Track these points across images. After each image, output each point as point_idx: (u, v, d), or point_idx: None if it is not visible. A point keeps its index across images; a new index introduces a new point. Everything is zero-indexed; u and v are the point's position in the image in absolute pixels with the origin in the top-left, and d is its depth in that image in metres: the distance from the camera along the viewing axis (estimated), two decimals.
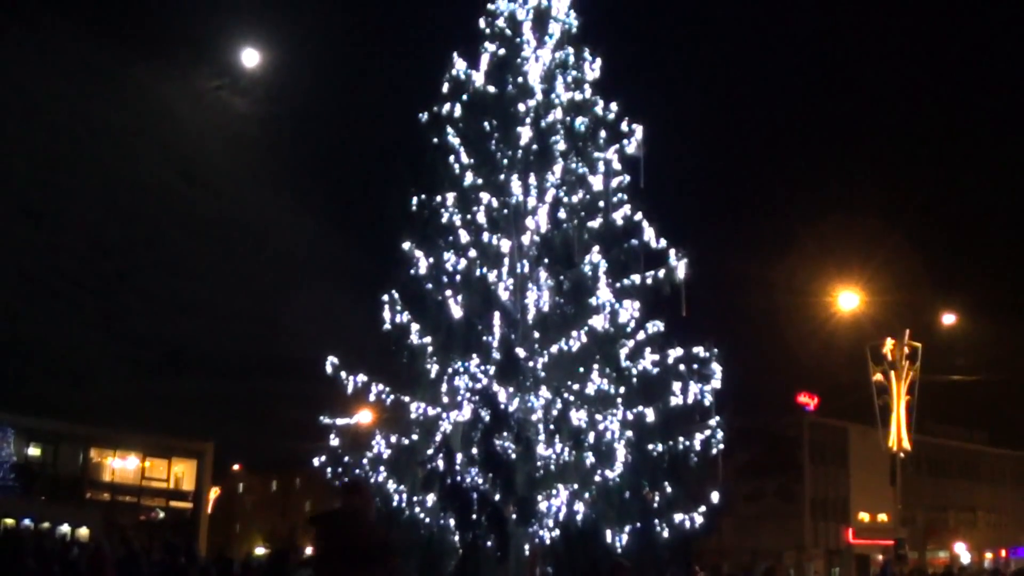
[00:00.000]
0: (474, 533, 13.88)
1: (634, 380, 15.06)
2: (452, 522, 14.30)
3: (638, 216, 15.86)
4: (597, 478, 14.41)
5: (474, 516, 13.89)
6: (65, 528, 42.19)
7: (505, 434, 14.25)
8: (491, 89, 16.39)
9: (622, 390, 14.92)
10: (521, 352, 14.63)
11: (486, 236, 15.44)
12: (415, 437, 15.14)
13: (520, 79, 16.30)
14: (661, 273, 15.53)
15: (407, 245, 15.65)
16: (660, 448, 14.91)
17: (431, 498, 14.48)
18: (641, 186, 16.18)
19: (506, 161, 15.96)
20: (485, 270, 15.27)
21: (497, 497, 14.12)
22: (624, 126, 16.32)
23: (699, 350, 15.25)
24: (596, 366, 14.86)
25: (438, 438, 14.71)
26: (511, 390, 14.51)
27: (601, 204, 15.91)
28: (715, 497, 15.02)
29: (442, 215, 15.71)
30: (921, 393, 27.17)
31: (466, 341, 14.93)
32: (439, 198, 15.79)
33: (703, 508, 14.82)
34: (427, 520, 14.58)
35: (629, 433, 14.69)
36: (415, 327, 15.27)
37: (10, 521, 39.93)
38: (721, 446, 15.07)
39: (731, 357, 15.45)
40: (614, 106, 16.54)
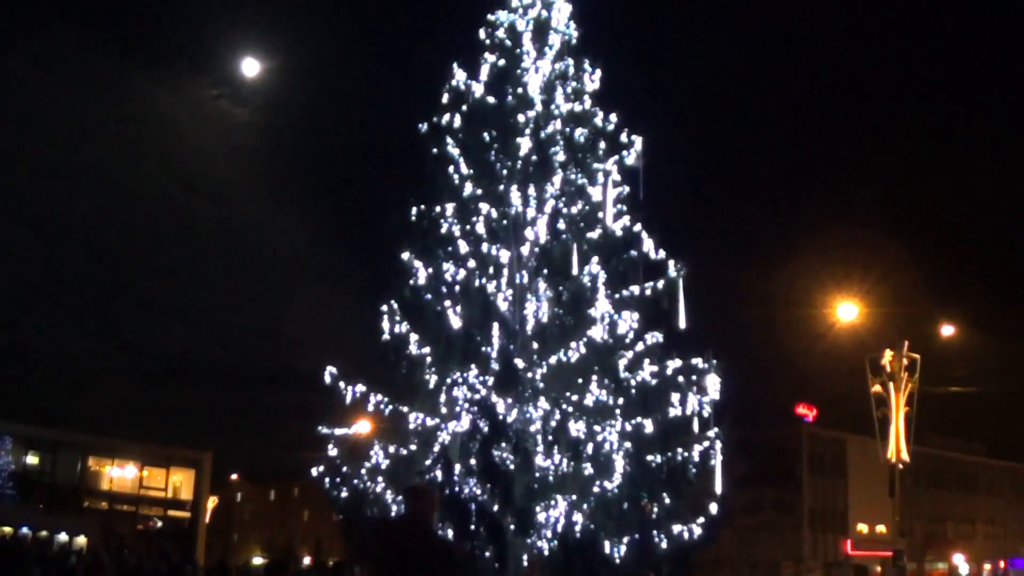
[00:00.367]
0: (473, 544, 13.84)
1: (633, 391, 15.04)
2: (451, 533, 14.27)
3: (637, 227, 15.88)
4: (596, 489, 14.40)
5: (473, 527, 13.88)
6: (63, 537, 42.09)
7: (503, 445, 14.23)
8: (491, 100, 16.42)
9: (621, 401, 14.90)
10: (520, 363, 14.62)
11: (485, 246, 15.45)
12: (413, 447, 15.12)
13: (520, 90, 16.33)
14: (660, 284, 15.56)
15: (406, 255, 15.66)
16: (659, 459, 14.90)
17: None
18: (640, 197, 16.23)
19: (505, 172, 15.98)
20: (484, 281, 15.27)
21: (496, 508, 14.11)
22: (624, 137, 16.37)
23: (698, 361, 15.24)
24: (595, 377, 14.85)
25: (436, 449, 14.68)
26: (510, 401, 14.50)
27: (600, 215, 15.93)
28: (713, 508, 15.02)
29: (441, 225, 15.73)
30: (920, 405, 27.11)
31: (465, 352, 14.91)
32: (438, 208, 15.81)
33: (701, 519, 14.82)
34: None
35: (628, 444, 14.67)
36: (414, 337, 15.28)
37: (8, 529, 39.86)
38: (720, 457, 15.07)
39: (730, 368, 15.49)
40: (613, 117, 16.59)
